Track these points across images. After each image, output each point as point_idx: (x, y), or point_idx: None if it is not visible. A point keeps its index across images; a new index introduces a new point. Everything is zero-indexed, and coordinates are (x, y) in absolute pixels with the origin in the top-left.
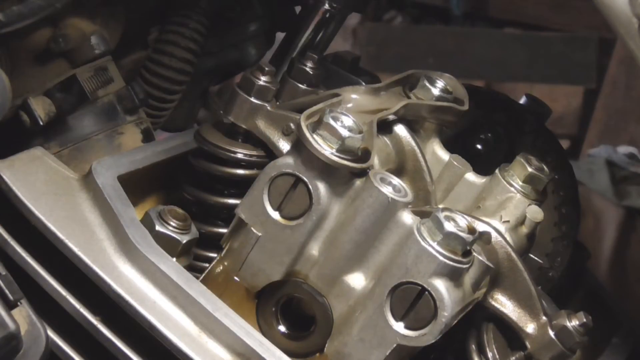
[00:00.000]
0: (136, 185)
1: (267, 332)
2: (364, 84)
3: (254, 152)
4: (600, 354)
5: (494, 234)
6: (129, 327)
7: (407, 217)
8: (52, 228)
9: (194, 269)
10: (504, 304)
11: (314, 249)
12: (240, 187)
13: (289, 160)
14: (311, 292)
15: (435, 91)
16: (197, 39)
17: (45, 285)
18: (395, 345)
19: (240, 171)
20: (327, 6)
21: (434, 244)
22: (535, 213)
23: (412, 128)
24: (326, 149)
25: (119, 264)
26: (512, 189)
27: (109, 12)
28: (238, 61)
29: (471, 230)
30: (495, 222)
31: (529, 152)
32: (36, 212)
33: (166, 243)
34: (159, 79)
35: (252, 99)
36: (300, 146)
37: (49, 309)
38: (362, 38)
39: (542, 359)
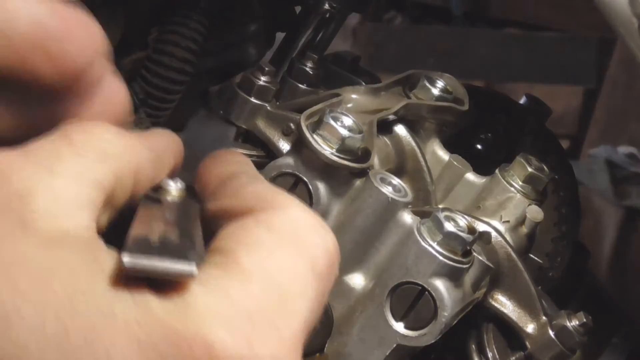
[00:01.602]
0: None
1: None
2: (364, 84)
3: (254, 152)
4: (600, 354)
5: (494, 234)
6: None
7: (407, 217)
8: None
9: None
10: (504, 304)
11: None
12: None
13: (289, 160)
14: None
15: (435, 91)
16: (197, 39)
17: None
18: (395, 345)
19: None
20: (327, 6)
21: (434, 244)
22: (535, 213)
23: (412, 128)
24: (326, 149)
25: None
26: (512, 189)
27: (108, 12)
28: (238, 61)
29: (471, 230)
30: (495, 222)
31: (529, 152)
32: None
33: None
34: (159, 79)
35: (252, 99)
36: (300, 146)
37: None
38: (362, 38)
39: (542, 359)
